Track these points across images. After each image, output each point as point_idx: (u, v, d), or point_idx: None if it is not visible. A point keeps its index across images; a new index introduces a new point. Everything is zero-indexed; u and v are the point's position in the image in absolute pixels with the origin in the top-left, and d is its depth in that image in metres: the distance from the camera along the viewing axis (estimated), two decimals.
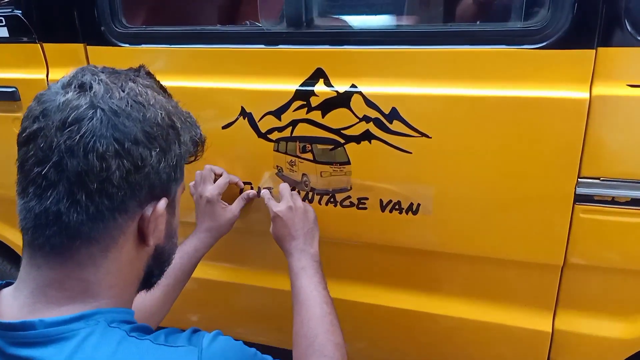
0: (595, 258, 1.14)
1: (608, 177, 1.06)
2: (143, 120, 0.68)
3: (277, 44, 1.19)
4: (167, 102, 0.74)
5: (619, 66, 1.00)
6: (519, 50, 1.03)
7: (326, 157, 1.23)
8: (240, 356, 0.73)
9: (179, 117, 0.75)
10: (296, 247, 1.16)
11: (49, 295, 0.69)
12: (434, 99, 1.11)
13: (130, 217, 0.71)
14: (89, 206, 0.66)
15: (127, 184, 0.67)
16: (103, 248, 0.70)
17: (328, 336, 1.01)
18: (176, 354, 0.68)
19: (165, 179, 0.72)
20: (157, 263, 0.80)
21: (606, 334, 1.20)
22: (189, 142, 0.78)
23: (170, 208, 0.77)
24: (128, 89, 0.70)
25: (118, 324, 0.69)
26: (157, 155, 0.70)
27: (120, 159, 0.66)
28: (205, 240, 1.25)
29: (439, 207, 1.18)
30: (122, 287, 0.74)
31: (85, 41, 1.33)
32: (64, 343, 0.65)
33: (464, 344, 1.36)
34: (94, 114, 0.65)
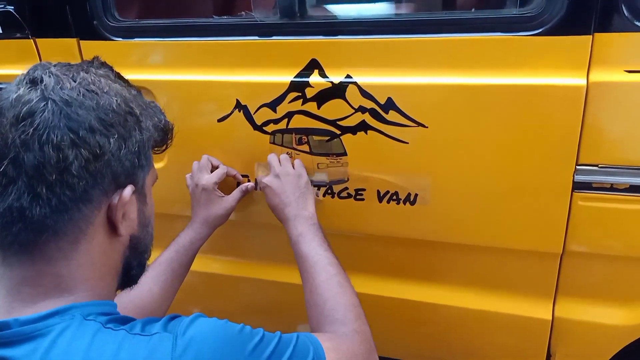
0: (594, 245, 1.13)
1: (606, 164, 1.05)
2: (97, 107, 0.68)
3: (271, 36, 1.18)
4: (123, 90, 0.74)
5: (616, 52, 0.99)
6: (515, 38, 1.02)
7: (322, 149, 1.22)
8: (222, 336, 0.70)
9: (138, 104, 0.75)
10: (290, 213, 1.15)
11: (24, 292, 0.68)
12: (430, 88, 1.10)
13: (96, 207, 0.70)
14: (51, 198, 0.66)
15: (88, 173, 0.67)
16: (72, 240, 0.69)
17: (337, 299, 0.99)
18: (151, 342, 0.67)
19: (128, 166, 0.72)
20: (134, 254, 0.79)
21: (606, 321, 1.20)
22: (151, 128, 0.77)
23: (140, 196, 0.77)
24: (80, 79, 0.70)
25: (95, 317, 0.68)
26: (116, 142, 0.69)
27: (77, 149, 0.66)
28: (200, 232, 1.23)
29: (436, 197, 1.18)
30: (98, 279, 0.73)
31: (78, 36, 1.31)
32: (39, 340, 0.64)
33: (464, 333, 1.36)
34: (46, 106, 0.65)
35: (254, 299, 1.57)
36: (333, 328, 0.94)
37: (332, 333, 0.92)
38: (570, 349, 1.27)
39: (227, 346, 0.69)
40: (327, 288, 1.01)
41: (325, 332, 0.92)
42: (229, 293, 1.59)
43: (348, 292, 1.01)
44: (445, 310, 1.33)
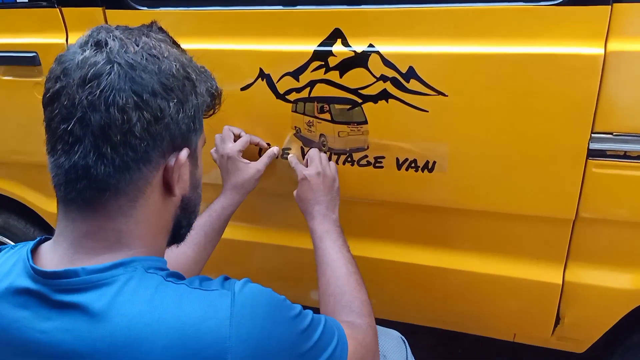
0: (606, 212, 1.17)
1: (621, 132, 1.08)
2: (159, 72, 0.71)
3: (295, 5, 1.20)
4: (180, 55, 0.77)
5: (634, 22, 1.02)
6: (535, 7, 1.04)
7: (344, 117, 1.25)
8: (269, 300, 0.75)
9: (194, 69, 0.78)
10: (319, 211, 1.19)
11: (86, 246, 0.72)
12: (450, 57, 1.13)
13: (155, 168, 0.74)
14: (115, 158, 0.69)
15: (149, 135, 0.70)
16: (131, 199, 0.73)
17: (355, 294, 1.04)
18: (211, 296, 0.71)
19: (184, 129, 0.75)
20: (185, 214, 0.83)
21: (615, 285, 1.25)
22: (205, 94, 0.80)
23: (192, 159, 0.80)
24: (142, 43, 0.72)
25: (155, 270, 0.72)
26: (175, 106, 0.72)
27: (140, 111, 0.69)
28: (232, 197, 1.27)
29: (454, 165, 1.21)
30: (152, 236, 0.77)
31: (104, 5, 1.34)
32: (105, 288, 0.68)
33: (477, 298, 1.41)
34: (112, 69, 0.68)
35: (268, 264, 1.62)
36: (350, 318, 0.99)
37: (350, 322, 0.96)
38: (579, 313, 1.32)
39: (275, 310, 0.74)
40: (347, 282, 1.06)
41: (343, 319, 0.96)
42: (242, 258, 1.63)
43: (363, 291, 1.07)
44: (460, 275, 1.37)
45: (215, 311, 0.69)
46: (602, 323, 1.32)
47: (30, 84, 1.47)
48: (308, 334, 0.77)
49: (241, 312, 0.70)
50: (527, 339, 1.47)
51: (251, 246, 1.56)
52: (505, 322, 1.44)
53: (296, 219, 1.35)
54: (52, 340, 0.67)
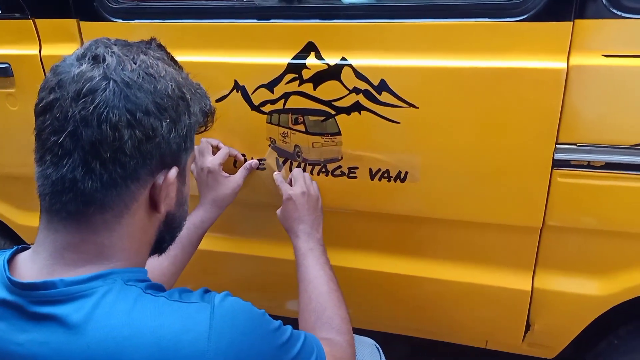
0: (572, 220, 1.21)
1: (584, 143, 1.12)
2: (154, 91, 0.71)
3: (270, 19, 1.22)
4: (177, 74, 0.77)
5: (595, 37, 1.06)
6: (500, 23, 1.08)
7: (318, 128, 1.27)
8: (249, 314, 0.75)
9: (189, 89, 0.78)
10: (304, 230, 1.21)
11: (66, 257, 0.72)
12: (421, 70, 1.16)
13: (142, 185, 0.74)
14: (103, 174, 0.69)
15: (139, 153, 0.70)
16: (116, 214, 0.73)
17: (336, 310, 1.06)
18: (190, 309, 0.71)
19: (175, 148, 0.75)
20: (169, 229, 0.83)
21: (583, 291, 1.28)
22: (198, 113, 0.80)
23: (180, 176, 0.80)
24: (140, 61, 0.72)
25: (134, 282, 0.72)
26: (168, 126, 0.73)
27: (132, 129, 0.69)
28: (211, 211, 1.27)
29: (425, 175, 1.24)
30: (135, 250, 0.77)
31: (78, 17, 1.34)
32: (83, 300, 0.68)
33: (449, 305, 1.44)
34: (107, 85, 0.68)
35: (246, 275, 1.62)
36: (330, 335, 1.01)
37: (330, 340, 0.98)
38: (548, 319, 1.35)
39: (255, 324, 0.75)
40: (328, 299, 1.08)
41: (322, 336, 0.98)
42: (220, 269, 1.63)
43: (344, 308, 1.09)
44: (432, 283, 1.40)
45: (193, 324, 0.69)
46: (571, 329, 1.35)
47: (3, 95, 1.45)
48: (287, 348, 0.78)
49: (220, 326, 0.70)
50: (499, 345, 1.49)
51: (228, 257, 1.57)
52: (477, 330, 1.47)
53: (272, 230, 1.37)
54: (29, 353, 0.67)
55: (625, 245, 1.21)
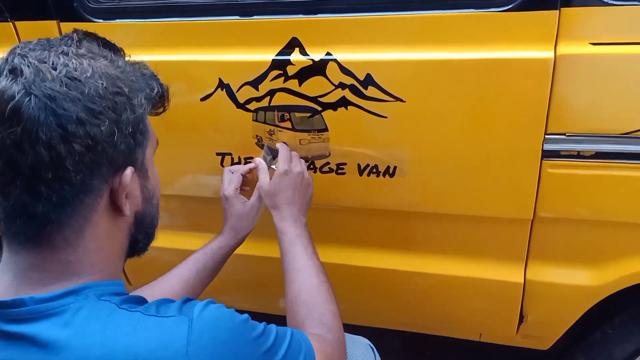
0: (562, 211, 1.20)
1: (573, 133, 1.11)
2: (82, 97, 0.65)
3: (252, 15, 1.20)
4: (109, 67, 0.70)
5: (582, 25, 1.04)
6: (486, 14, 1.07)
7: (304, 125, 1.26)
8: (230, 324, 0.73)
9: (126, 80, 0.71)
10: (292, 212, 1.17)
11: (32, 277, 0.69)
12: (406, 63, 1.14)
13: (97, 195, 0.70)
14: (51, 195, 0.66)
15: (84, 165, 0.66)
16: (76, 229, 0.70)
17: (327, 305, 1.02)
18: (167, 324, 0.68)
19: (124, 148, 0.71)
20: (140, 228, 0.80)
21: (575, 282, 1.28)
22: (144, 102, 0.74)
23: (140, 172, 0.76)
24: (60, 66, 0.66)
25: (108, 297, 0.70)
26: (108, 128, 0.67)
27: (68, 144, 0.64)
28: (229, 238, 1.23)
29: (414, 169, 1.23)
30: (105, 261, 0.74)
31: (59, 18, 1.31)
32: (55, 318, 0.66)
33: (442, 299, 1.43)
34: (29, 102, 0.63)
35: (238, 274, 1.61)
36: (321, 331, 0.97)
37: (319, 335, 0.95)
38: (541, 310, 1.35)
39: (237, 334, 0.73)
40: (318, 292, 1.04)
41: (312, 332, 0.95)
42: None
43: (335, 302, 1.05)
44: (424, 277, 1.39)
45: (171, 340, 0.67)
46: (564, 320, 1.35)
47: None
48: (273, 353, 0.76)
49: (199, 339, 0.68)
50: (493, 338, 1.49)
51: None
52: (470, 322, 1.47)
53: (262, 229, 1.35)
54: None
55: (616, 234, 1.20)
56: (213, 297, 0.79)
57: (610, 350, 1.39)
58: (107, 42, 0.76)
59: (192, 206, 1.51)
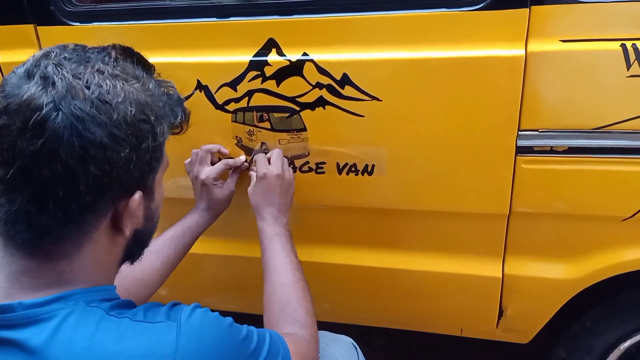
0: (537, 205, 1.22)
1: (546, 129, 1.13)
2: (110, 122, 0.65)
3: (229, 17, 1.21)
4: (140, 92, 0.70)
5: (552, 23, 1.06)
6: (458, 13, 1.08)
7: (283, 125, 1.27)
8: (217, 329, 0.74)
9: (154, 108, 0.71)
10: (272, 213, 1.19)
11: (23, 282, 0.69)
12: (382, 63, 1.16)
13: (103, 215, 0.71)
14: (57, 211, 0.66)
15: (96, 187, 0.66)
16: (76, 244, 0.70)
17: (300, 302, 1.04)
18: (155, 329, 0.69)
19: (137, 175, 0.71)
20: (137, 244, 0.80)
21: (553, 275, 1.30)
22: (166, 131, 0.75)
23: (147, 196, 0.76)
24: (94, 86, 0.66)
25: (97, 303, 0.70)
26: (127, 155, 0.67)
27: (86, 165, 0.64)
28: (206, 217, 1.27)
29: (392, 167, 1.24)
30: (98, 272, 0.74)
31: (35, 22, 1.31)
32: (43, 324, 0.66)
33: (423, 296, 1.45)
34: (56, 118, 0.62)
35: (222, 275, 1.61)
36: (294, 329, 1.00)
37: (293, 335, 0.97)
38: (520, 304, 1.37)
39: (223, 338, 0.74)
40: (293, 289, 1.06)
41: (286, 330, 0.98)
42: (195, 270, 1.62)
43: (309, 299, 1.07)
44: (404, 274, 1.40)
45: (159, 346, 0.67)
46: (543, 313, 1.37)
47: None
48: (256, 355, 0.78)
49: (187, 345, 0.68)
50: (474, 332, 1.51)
51: (202, 258, 1.56)
52: (451, 318, 1.48)
53: (247, 230, 1.36)
54: None
55: (591, 228, 1.23)
56: (198, 299, 0.80)
57: (589, 342, 1.41)
58: (140, 59, 0.75)
59: (173, 208, 1.51)
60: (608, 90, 1.09)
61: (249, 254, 1.47)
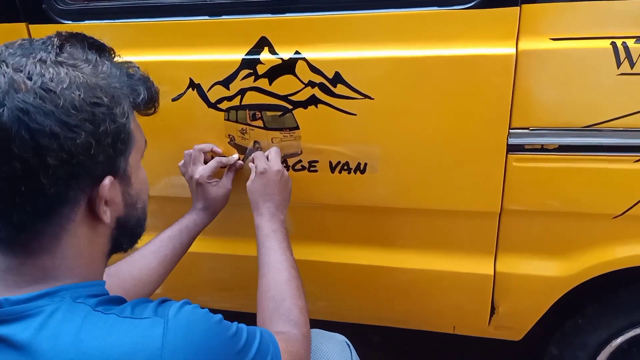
0: (529, 203, 1.22)
1: (537, 127, 1.14)
2: (56, 110, 0.63)
3: (221, 15, 1.21)
4: (88, 76, 0.67)
5: (542, 21, 1.07)
6: (449, 11, 1.09)
7: (276, 124, 1.27)
8: (205, 325, 0.73)
9: (108, 90, 0.69)
10: (269, 209, 1.19)
11: (8, 279, 0.69)
12: (374, 61, 1.16)
13: (75, 204, 0.70)
14: (26, 206, 0.65)
15: (58, 178, 0.65)
16: (53, 237, 0.70)
17: (294, 300, 1.04)
18: (141, 325, 0.68)
19: (103, 159, 0.69)
20: (123, 232, 0.79)
21: (544, 272, 1.30)
22: (128, 110, 0.72)
23: (123, 179, 0.75)
24: (35, 76, 0.64)
25: (84, 299, 0.69)
26: (84, 141, 0.65)
27: (42, 158, 0.63)
28: (203, 216, 1.26)
29: (384, 165, 1.25)
30: (84, 265, 0.74)
31: (27, 20, 1.31)
32: (30, 320, 0.66)
33: (416, 294, 1.45)
34: (2, 114, 0.61)
35: (216, 274, 1.61)
36: (287, 327, 0.99)
37: (286, 334, 0.96)
38: (512, 302, 1.37)
39: (212, 335, 0.73)
40: (287, 287, 1.06)
41: (279, 328, 0.98)
42: (189, 269, 1.62)
43: (303, 297, 1.07)
44: (396, 272, 1.41)
45: (145, 342, 0.67)
46: (534, 310, 1.38)
47: None
48: (245, 353, 0.77)
49: (174, 341, 0.68)
50: (466, 330, 1.51)
51: (197, 257, 1.55)
52: (444, 316, 1.49)
53: (242, 229, 1.36)
54: None
55: (582, 226, 1.23)
56: (192, 297, 0.80)
57: (582, 339, 1.42)
58: (94, 43, 0.73)
59: (167, 207, 1.51)
60: (598, 88, 1.09)
61: (243, 252, 1.47)
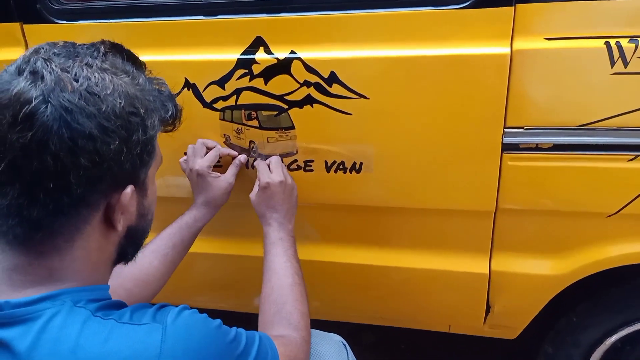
0: (523, 202, 1.23)
1: (531, 126, 1.14)
2: (98, 114, 0.66)
3: (216, 15, 1.21)
4: (129, 85, 0.71)
5: (537, 21, 1.07)
6: (444, 11, 1.09)
7: (271, 123, 1.27)
8: (204, 330, 0.73)
9: (144, 101, 0.72)
10: (277, 219, 1.20)
11: (14, 278, 0.69)
12: (369, 61, 1.16)
13: (94, 208, 0.71)
14: (48, 203, 0.66)
15: (86, 180, 0.66)
16: (68, 239, 0.70)
17: (296, 305, 1.05)
18: (140, 332, 0.68)
19: (129, 168, 0.71)
20: (130, 242, 0.80)
21: (538, 271, 1.31)
22: (157, 124, 0.75)
23: (140, 191, 0.76)
24: (82, 78, 0.66)
25: (85, 304, 0.69)
26: (117, 147, 0.68)
27: (75, 157, 0.64)
28: (204, 212, 1.25)
29: (379, 165, 1.25)
30: (90, 270, 0.74)
31: (21, 20, 1.31)
32: (30, 324, 0.66)
33: (411, 293, 1.45)
34: (45, 110, 0.63)
35: (212, 274, 1.61)
36: (287, 331, 1.00)
37: (285, 337, 0.97)
38: (507, 300, 1.38)
39: (210, 341, 0.73)
40: (290, 292, 1.07)
41: (279, 331, 0.98)
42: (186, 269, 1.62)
43: (305, 303, 1.08)
44: (393, 272, 1.41)
45: (144, 349, 0.67)
46: (529, 309, 1.38)
47: None
48: (243, 358, 0.78)
49: (172, 347, 0.68)
50: (462, 329, 1.52)
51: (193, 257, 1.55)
52: (439, 314, 1.49)
53: (242, 228, 1.36)
54: None
55: (576, 224, 1.24)
56: (189, 297, 0.80)
57: (576, 337, 1.43)
58: (131, 55, 0.76)
59: (163, 207, 1.51)
60: (592, 87, 1.10)
61: (240, 252, 1.47)
